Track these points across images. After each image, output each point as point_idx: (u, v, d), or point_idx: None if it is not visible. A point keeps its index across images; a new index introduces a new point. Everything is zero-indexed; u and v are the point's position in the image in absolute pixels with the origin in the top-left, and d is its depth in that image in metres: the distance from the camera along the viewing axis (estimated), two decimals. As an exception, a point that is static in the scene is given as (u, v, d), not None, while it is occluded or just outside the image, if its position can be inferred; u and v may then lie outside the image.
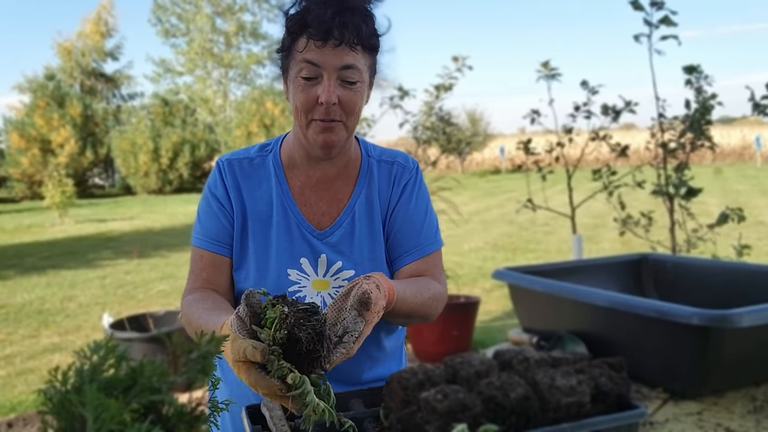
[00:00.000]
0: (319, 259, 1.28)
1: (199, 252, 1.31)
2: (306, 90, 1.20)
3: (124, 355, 0.65)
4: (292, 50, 1.22)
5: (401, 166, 1.37)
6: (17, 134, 22.83)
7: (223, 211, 1.30)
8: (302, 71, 1.20)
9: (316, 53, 1.18)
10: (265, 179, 1.32)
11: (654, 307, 1.63)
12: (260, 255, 1.27)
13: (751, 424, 1.49)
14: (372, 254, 1.31)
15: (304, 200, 1.31)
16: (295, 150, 1.32)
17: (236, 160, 1.34)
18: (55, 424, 0.61)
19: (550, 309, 2.06)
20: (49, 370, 0.62)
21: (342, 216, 1.31)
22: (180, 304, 1.30)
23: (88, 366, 0.63)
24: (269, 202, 1.30)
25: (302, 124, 1.24)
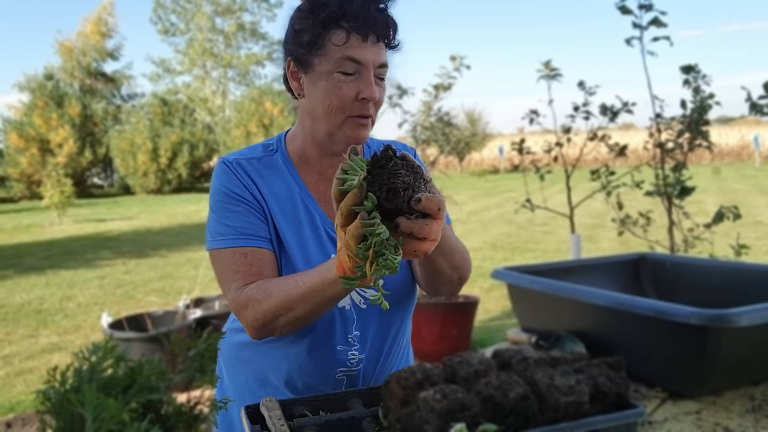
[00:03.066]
0: None
1: (239, 251, 1.20)
2: (345, 86, 1.17)
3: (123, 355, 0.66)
4: (325, 44, 1.16)
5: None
6: (16, 134, 22.81)
7: (249, 207, 1.22)
8: (341, 67, 1.16)
9: (358, 49, 1.15)
10: (279, 177, 1.27)
11: (652, 307, 1.63)
12: (293, 252, 1.23)
13: (750, 423, 1.49)
14: None
15: (320, 197, 1.28)
16: (308, 147, 1.28)
17: (244, 160, 1.28)
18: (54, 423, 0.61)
19: (548, 309, 2.06)
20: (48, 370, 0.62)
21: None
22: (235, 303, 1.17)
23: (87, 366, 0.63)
24: (291, 201, 1.25)
25: (335, 121, 1.20)
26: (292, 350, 1.26)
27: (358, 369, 1.27)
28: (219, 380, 1.32)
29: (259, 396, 1.23)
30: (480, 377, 0.94)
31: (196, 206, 17.92)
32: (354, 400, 1.11)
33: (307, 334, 1.23)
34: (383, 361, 1.32)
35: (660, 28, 3.35)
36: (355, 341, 1.26)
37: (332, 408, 1.09)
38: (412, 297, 1.34)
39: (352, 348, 1.26)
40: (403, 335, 1.37)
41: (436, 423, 0.83)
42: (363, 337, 1.27)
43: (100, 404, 0.58)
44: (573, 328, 1.94)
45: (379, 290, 0.93)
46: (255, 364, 1.31)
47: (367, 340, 1.27)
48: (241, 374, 1.33)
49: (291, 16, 1.24)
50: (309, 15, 1.17)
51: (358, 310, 1.26)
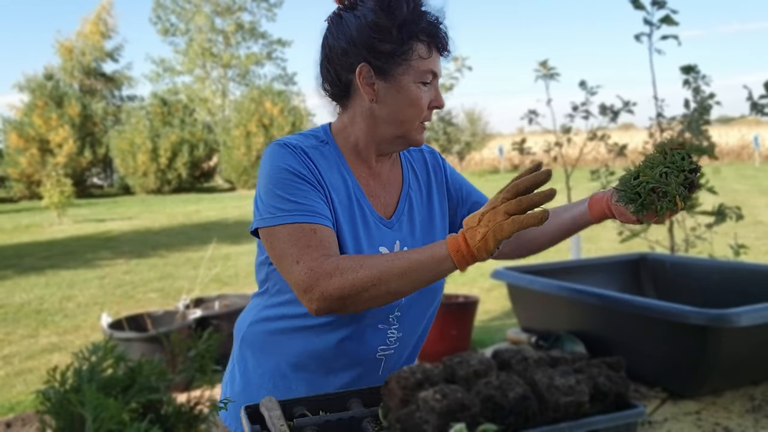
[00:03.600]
0: (394, 246, 1.35)
1: (308, 227, 1.19)
2: (424, 96, 1.28)
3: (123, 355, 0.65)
4: (410, 56, 1.25)
5: (430, 153, 1.51)
6: (16, 134, 22.80)
7: (313, 188, 1.24)
8: (423, 77, 1.26)
9: (434, 62, 1.27)
10: (334, 168, 1.32)
11: (652, 307, 1.63)
12: (347, 243, 1.27)
13: (750, 423, 1.49)
14: (427, 237, 1.40)
15: (370, 191, 1.35)
16: (363, 144, 1.34)
17: (303, 148, 1.29)
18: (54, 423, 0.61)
19: (548, 308, 2.06)
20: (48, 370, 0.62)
21: (401, 204, 1.39)
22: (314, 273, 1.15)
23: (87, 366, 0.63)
24: (346, 192, 1.31)
25: (410, 126, 1.30)
26: (336, 333, 1.31)
27: (395, 347, 1.36)
28: (241, 368, 1.41)
29: (293, 380, 1.34)
30: (480, 377, 0.94)
31: (196, 206, 17.92)
32: (354, 400, 1.11)
33: (353, 320, 1.29)
34: (417, 340, 1.43)
35: (670, 27, 3.34)
36: (395, 321, 1.35)
37: (332, 408, 1.09)
38: (442, 282, 1.43)
39: (391, 327, 1.34)
40: (433, 315, 1.47)
41: (435, 423, 0.83)
42: (403, 318, 1.35)
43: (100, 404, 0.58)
44: (573, 328, 1.94)
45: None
46: (291, 348, 1.34)
47: (406, 321, 1.36)
48: (272, 360, 1.36)
49: (363, 23, 1.25)
50: (391, 27, 1.23)
51: None
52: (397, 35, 1.23)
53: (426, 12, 1.25)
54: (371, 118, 1.30)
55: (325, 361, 1.33)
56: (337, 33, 1.28)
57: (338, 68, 1.29)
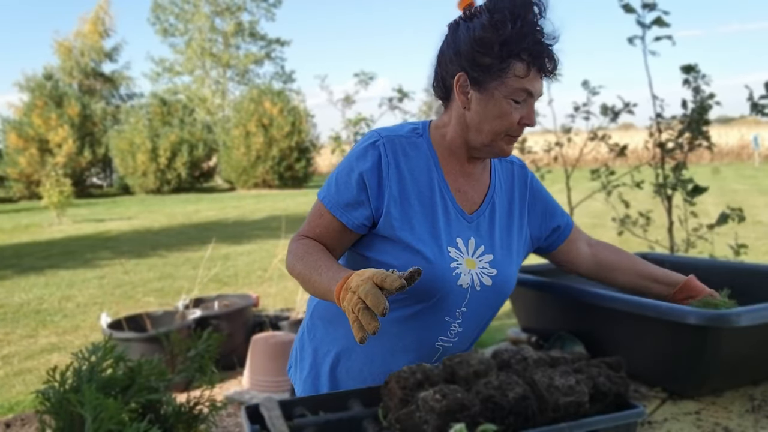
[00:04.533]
0: (469, 241, 1.41)
1: (321, 209, 1.40)
2: (515, 112, 1.33)
3: (122, 355, 0.65)
4: (506, 72, 1.30)
5: (520, 166, 1.60)
6: (15, 134, 22.79)
7: (365, 193, 1.36)
8: (515, 95, 1.32)
9: (533, 81, 1.31)
10: (422, 160, 1.41)
11: (652, 307, 1.63)
12: (425, 231, 1.36)
13: (749, 424, 1.49)
14: (507, 243, 1.48)
15: (457, 186, 1.44)
16: (456, 145, 1.43)
17: (396, 137, 1.40)
18: (54, 423, 0.61)
19: (548, 308, 2.06)
20: (48, 370, 0.62)
21: (484, 204, 1.47)
22: (289, 243, 1.41)
23: (87, 366, 0.63)
24: (429, 183, 1.40)
25: (496, 138, 1.36)
26: (402, 312, 1.38)
27: (454, 341, 1.43)
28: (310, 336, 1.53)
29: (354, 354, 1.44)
30: (479, 377, 0.94)
31: (195, 206, 17.92)
32: (354, 400, 1.11)
33: (422, 300, 1.37)
34: (474, 337, 1.51)
35: (662, 28, 3.35)
36: (460, 316, 1.41)
37: (332, 408, 1.09)
38: (511, 291, 1.51)
39: (455, 321, 1.41)
40: (493, 316, 1.53)
41: (435, 423, 0.83)
42: (467, 314, 1.41)
43: (99, 404, 0.58)
44: (572, 328, 1.94)
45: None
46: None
47: (470, 317, 1.43)
48: (340, 332, 1.46)
49: (471, 36, 1.33)
50: (493, 43, 1.29)
51: (474, 291, 1.40)
52: (498, 51, 1.29)
53: (534, 32, 1.29)
54: (463, 123, 1.40)
55: (387, 339, 1.40)
56: (451, 41, 1.38)
57: (444, 73, 1.40)
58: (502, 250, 1.46)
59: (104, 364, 0.64)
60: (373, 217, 1.37)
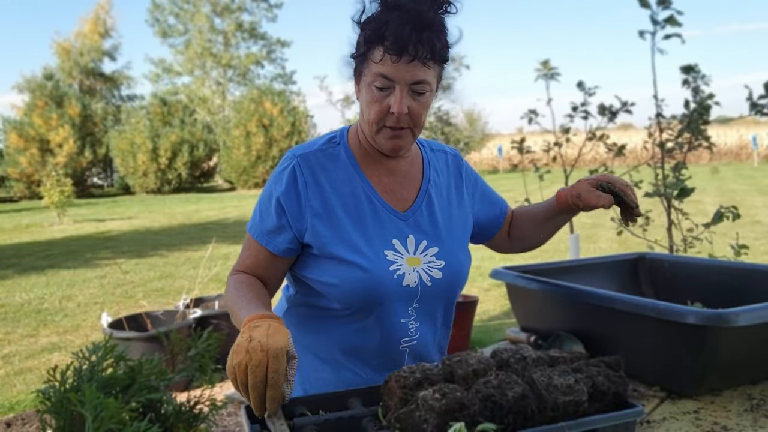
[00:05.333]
0: (407, 239, 1.39)
1: (250, 240, 1.40)
2: (379, 100, 1.29)
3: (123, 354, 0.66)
4: (367, 58, 1.29)
5: (453, 155, 1.58)
6: (16, 134, 22.78)
7: (285, 218, 1.34)
8: (376, 82, 1.28)
9: (390, 68, 1.25)
10: (341, 169, 1.39)
11: (651, 306, 1.63)
12: (356, 240, 1.34)
13: (748, 423, 1.49)
14: (451, 232, 1.46)
15: (383, 187, 1.41)
16: (367, 145, 1.41)
17: (311, 154, 1.39)
18: (54, 423, 0.61)
19: (547, 308, 2.06)
20: (48, 370, 0.63)
21: (419, 199, 1.44)
22: (228, 279, 1.40)
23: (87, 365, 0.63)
24: (352, 192, 1.37)
25: (373, 129, 1.33)
26: (359, 325, 1.37)
27: (417, 337, 1.42)
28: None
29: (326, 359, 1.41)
30: (479, 376, 0.95)
31: (195, 206, 17.92)
32: (353, 400, 1.11)
33: (372, 312, 1.36)
34: (437, 330, 1.49)
35: (674, 27, 3.35)
36: (413, 313, 1.40)
37: (332, 407, 1.10)
38: (466, 277, 1.50)
39: (410, 319, 1.40)
40: (453, 308, 1.54)
41: (435, 422, 0.84)
42: (421, 309, 1.41)
43: (99, 403, 0.58)
44: (571, 328, 1.94)
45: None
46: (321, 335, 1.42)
47: (425, 312, 1.42)
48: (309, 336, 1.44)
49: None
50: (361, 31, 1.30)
51: (424, 287, 1.38)
52: (361, 38, 1.29)
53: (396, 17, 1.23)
54: (360, 116, 1.39)
55: (352, 351, 1.40)
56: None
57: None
58: (449, 240, 1.45)
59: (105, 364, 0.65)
60: (298, 239, 1.35)
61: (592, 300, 1.80)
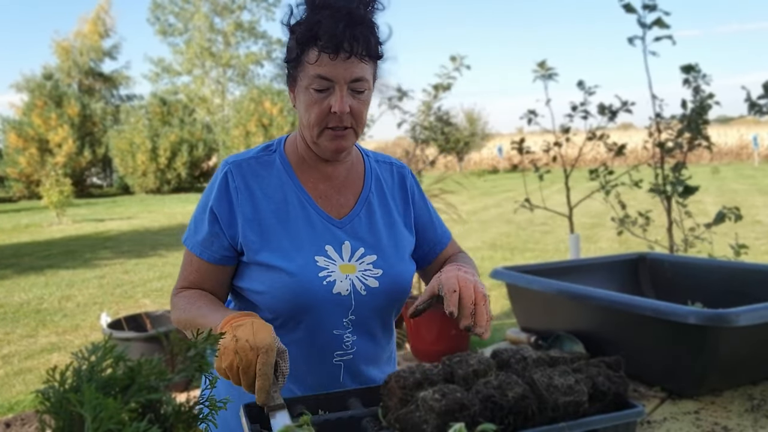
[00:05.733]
0: (342, 246, 1.35)
1: (188, 255, 1.37)
2: (319, 102, 1.26)
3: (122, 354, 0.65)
4: (302, 61, 1.26)
5: (399, 167, 1.52)
6: (15, 134, 22.78)
7: (218, 225, 1.32)
8: (314, 84, 1.24)
9: (327, 67, 1.23)
10: (274, 176, 1.36)
11: (651, 307, 1.63)
12: (285, 246, 1.31)
13: (749, 423, 1.49)
14: (392, 241, 1.41)
15: (318, 193, 1.38)
16: (304, 151, 1.38)
17: (244, 161, 1.37)
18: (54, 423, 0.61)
19: (547, 308, 2.06)
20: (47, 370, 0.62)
21: (357, 206, 1.40)
22: (170, 301, 1.38)
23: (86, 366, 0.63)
24: (283, 198, 1.34)
25: (314, 133, 1.29)
26: (290, 337, 1.30)
27: (353, 352, 1.35)
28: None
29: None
30: (479, 377, 0.94)
31: (195, 206, 17.91)
32: (353, 400, 1.11)
33: (302, 321, 1.30)
34: (377, 345, 1.41)
35: (663, 29, 3.35)
36: (349, 325, 1.34)
37: (332, 407, 1.10)
38: (408, 289, 1.42)
39: (346, 331, 1.34)
40: (392, 321, 1.46)
41: (435, 423, 0.83)
42: (358, 321, 1.34)
43: (99, 404, 0.58)
44: (572, 328, 1.94)
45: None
46: None
47: (363, 323, 1.35)
48: None
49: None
50: (292, 35, 1.27)
51: (359, 296, 1.33)
52: (295, 43, 1.26)
53: (327, 16, 1.21)
54: (299, 122, 1.36)
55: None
56: None
57: None
58: (389, 249, 1.39)
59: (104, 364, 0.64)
60: (232, 246, 1.32)
61: (592, 300, 1.80)
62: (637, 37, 3.46)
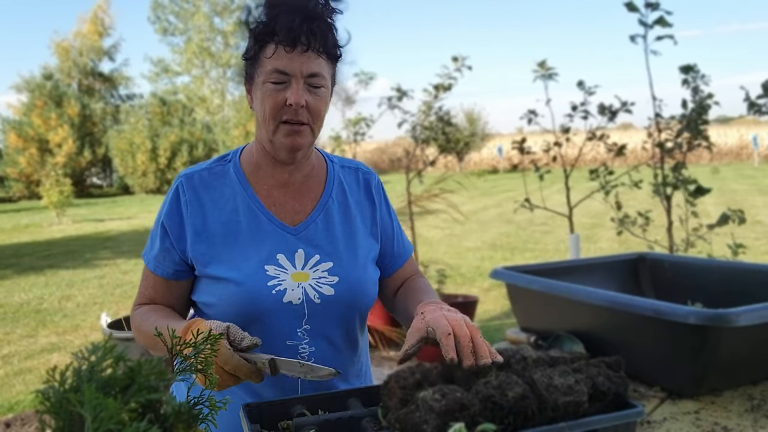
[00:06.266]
0: (296, 254, 1.31)
1: (145, 271, 1.37)
2: (274, 94, 1.25)
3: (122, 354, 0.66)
4: (259, 57, 1.26)
5: (365, 173, 1.47)
6: (15, 134, 22.79)
7: (168, 240, 1.32)
8: (270, 78, 1.24)
9: (284, 60, 1.23)
10: (227, 186, 1.34)
11: (651, 307, 1.63)
12: (234, 257, 1.29)
13: (748, 423, 1.49)
14: (350, 249, 1.36)
15: (272, 201, 1.35)
16: (260, 156, 1.35)
17: (196, 173, 1.36)
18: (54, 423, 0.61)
19: (547, 308, 2.06)
20: (47, 370, 0.62)
21: (315, 212, 1.36)
22: (131, 316, 1.37)
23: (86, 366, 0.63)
24: (234, 208, 1.32)
25: (270, 128, 1.27)
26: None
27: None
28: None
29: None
30: (479, 377, 0.95)
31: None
32: (353, 400, 1.11)
33: (253, 329, 1.24)
34: (339, 354, 1.34)
35: (665, 28, 3.35)
36: (305, 335, 1.29)
37: (331, 407, 1.10)
38: (371, 297, 1.38)
39: (302, 342, 1.29)
40: (361, 331, 1.41)
41: (435, 423, 0.83)
42: (314, 331, 1.30)
43: (99, 404, 0.58)
44: (572, 328, 1.94)
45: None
46: None
47: (320, 333, 1.30)
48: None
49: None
50: (249, 33, 1.27)
51: (311, 305, 1.28)
52: (252, 40, 1.27)
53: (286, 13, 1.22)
54: (256, 125, 1.35)
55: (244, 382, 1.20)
56: None
57: None
58: (347, 256, 1.35)
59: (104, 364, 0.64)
60: (184, 260, 1.31)
61: (592, 300, 1.80)
62: (638, 35, 3.46)
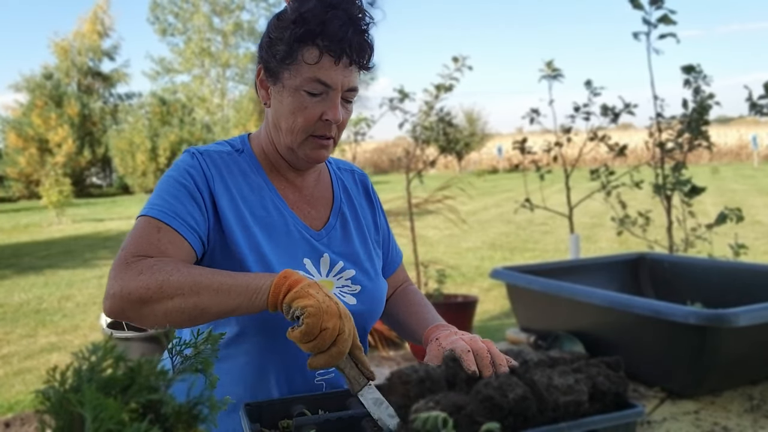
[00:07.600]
0: (321, 260, 1.25)
1: (157, 224, 1.11)
2: (311, 106, 1.16)
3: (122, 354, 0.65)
4: (296, 58, 1.14)
5: (360, 174, 1.44)
6: (14, 134, 22.80)
7: (195, 198, 1.16)
8: (308, 86, 1.14)
9: (328, 71, 1.13)
10: (248, 178, 1.23)
11: (651, 307, 1.63)
12: (261, 254, 1.18)
13: (748, 423, 1.49)
14: (366, 254, 1.32)
15: (293, 203, 1.27)
16: (274, 154, 1.26)
17: (214, 152, 1.23)
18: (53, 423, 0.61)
19: (547, 308, 2.06)
20: (47, 370, 0.62)
21: (332, 218, 1.31)
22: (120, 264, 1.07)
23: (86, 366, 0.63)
24: (262, 204, 1.22)
25: (297, 139, 1.19)
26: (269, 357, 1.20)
27: (333, 370, 1.23)
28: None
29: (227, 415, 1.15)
30: (480, 377, 0.95)
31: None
32: (353, 400, 1.11)
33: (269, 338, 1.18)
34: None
35: (668, 26, 3.35)
36: None
37: (332, 407, 1.10)
38: (383, 303, 1.34)
39: None
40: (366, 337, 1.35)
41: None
42: None
43: (99, 404, 0.58)
44: (572, 328, 1.94)
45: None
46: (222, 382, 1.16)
47: None
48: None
49: (269, 23, 1.21)
50: (288, 27, 1.14)
51: None
52: (290, 37, 1.13)
53: (336, 16, 1.11)
54: (271, 124, 1.23)
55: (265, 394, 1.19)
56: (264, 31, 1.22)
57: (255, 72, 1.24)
58: (367, 263, 1.30)
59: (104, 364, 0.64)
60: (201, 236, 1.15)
61: (591, 300, 1.80)
62: (642, 33, 3.46)
